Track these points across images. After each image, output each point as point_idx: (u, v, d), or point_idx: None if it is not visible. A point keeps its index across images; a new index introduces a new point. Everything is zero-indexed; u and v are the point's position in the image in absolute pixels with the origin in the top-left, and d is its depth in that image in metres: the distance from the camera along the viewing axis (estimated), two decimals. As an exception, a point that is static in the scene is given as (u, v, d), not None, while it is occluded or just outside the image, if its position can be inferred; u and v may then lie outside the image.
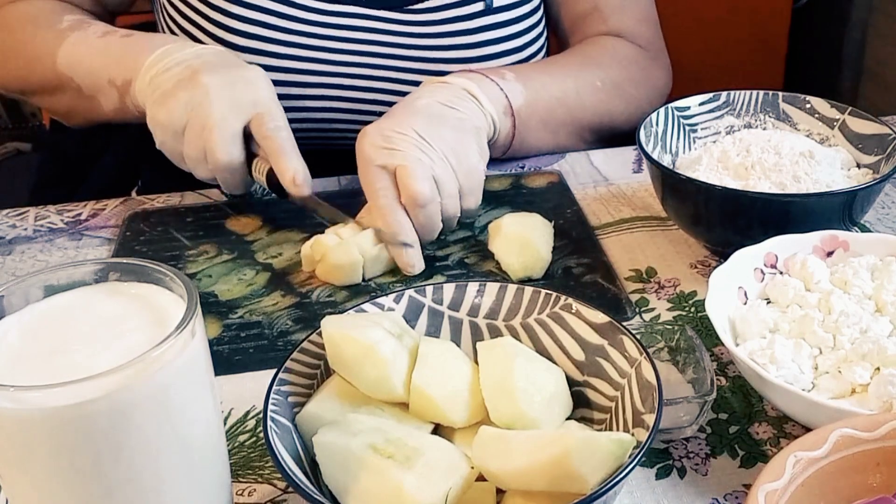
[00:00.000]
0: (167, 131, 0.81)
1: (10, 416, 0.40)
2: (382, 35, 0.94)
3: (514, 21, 0.97)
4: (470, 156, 0.80)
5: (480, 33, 0.96)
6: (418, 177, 0.75)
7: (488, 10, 0.96)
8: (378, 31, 0.94)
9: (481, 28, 0.96)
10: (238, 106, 0.79)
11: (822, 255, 0.68)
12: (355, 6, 0.94)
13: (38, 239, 0.85)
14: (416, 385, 0.54)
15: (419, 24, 0.95)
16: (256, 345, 0.70)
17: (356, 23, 0.94)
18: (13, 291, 0.45)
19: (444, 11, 0.95)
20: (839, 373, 0.59)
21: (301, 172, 0.79)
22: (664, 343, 0.63)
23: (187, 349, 0.43)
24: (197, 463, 0.46)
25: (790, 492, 0.45)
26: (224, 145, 0.79)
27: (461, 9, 0.95)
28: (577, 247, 0.80)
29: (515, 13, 0.98)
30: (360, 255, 0.75)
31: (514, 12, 0.97)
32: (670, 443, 0.60)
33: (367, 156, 0.78)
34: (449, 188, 0.78)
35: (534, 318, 0.59)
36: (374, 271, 0.77)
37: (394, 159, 0.76)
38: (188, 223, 0.86)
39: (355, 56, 0.94)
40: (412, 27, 0.95)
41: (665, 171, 0.75)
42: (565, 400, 0.56)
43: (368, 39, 0.94)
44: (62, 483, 0.42)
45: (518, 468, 0.48)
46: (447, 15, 0.95)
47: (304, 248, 0.78)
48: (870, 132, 0.80)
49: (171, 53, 0.83)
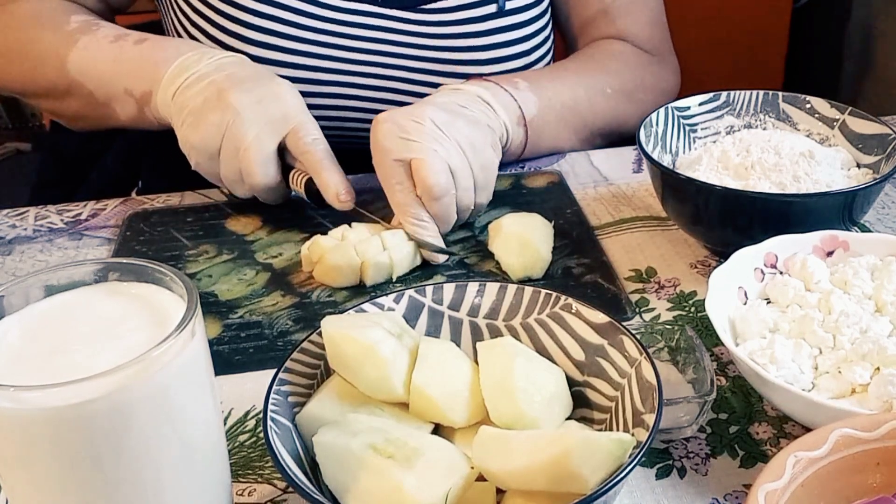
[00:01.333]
0: (202, 154, 0.81)
1: (10, 416, 0.40)
2: (395, 34, 0.95)
3: (525, 24, 0.98)
4: (485, 150, 0.81)
5: (492, 35, 0.96)
6: (435, 170, 0.75)
7: (500, 13, 0.96)
8: (391, 31, 0.95)
9: (493, 30, 0.96)
10: (270, 124, 0.79)
11: (822, 255, 0.68)
12: (369, 4, 0.94)
13: (38, 239, 0.85)
14: (416, 385, 0.54)
15: (432, 25, 0.95)
16: (256, 345, 0.70)
17: (369, 21, 0.94)
18: (13, 291, 0.45)
19: (458, 12, 0.95)
20: (839, 373, 0.59)
21: (344, 186, 0.79)
22: (664, 343, 0.63)
23: (187, 349, 0.43)
24: (197, 463, 0.46)
25: (790, 492, 0.45)
26: (261, 167, 0.79)
27: (474, 10, 0.96)
28: (577, 247, 0.80)
29: (527, 16, 0.98)
30: (357, 258, 0.75)
31: (526, 15, 0.98)
32: (670, 443, 0.60)
33: (382, 146, 0.77)
34: (464, 181, 0.78)
35: (534, 318, 0.59)
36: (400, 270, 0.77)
37: (410, 152, 0.76)
38: (188, 223, 0.86)
39: (368, 55, 0.95)
40: (425, 27, 0.95)
41: (665, 171, 0.75)
42: (565, 400, 0.56)
43: (381, 38, 0.95)
44: (62, 483, 0.42)
45: (518, 468, 0.48)
46: (460, 16, 0.96)
47: (304, 248, 0.78)
48: (870, 132, 0.80)
49: (190, 66, 0.82)
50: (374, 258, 0.75)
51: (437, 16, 0.95)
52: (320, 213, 0.84)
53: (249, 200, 0.85)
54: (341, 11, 0.93)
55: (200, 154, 0.81)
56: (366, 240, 0.76)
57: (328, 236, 0.77)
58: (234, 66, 0.83)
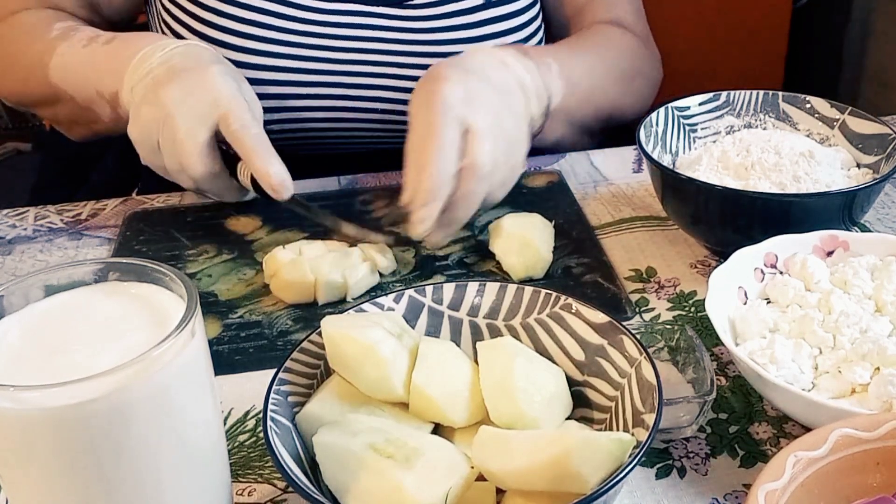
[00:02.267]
0: (144, 148, 0.80)
1: (10, 416, 0.40)
2: (382, 31, 0.94)
3: (513, 14, 0.97)
4: (521, 149, 0.78)
5: (481, 27, 0.95)
6: (494, 147, 0.72)
7: (488, 4, 0.95)
8: (377, 28, 0.94)
9: (482, 22, 0.95)
10: (200, 115, 0.76)
11: (822, 255, 0.68)
12: (353, 3, 0.93)
13: (38, 239, 0.85)
14: (416, 385, 0.54)
15: (419, 20, 0.94)
16: (256, 345, 0.70)
17: (354, 20, 0.93)
18: (13, 291, 0.45)
19: (444, 6, 0.95)
20: (839, 373, 0.59)
21: (277, 175, 0.74)
22: (664, 343, 0.63)
23: (187, 349, 0.43)
24: (197, 463, 0.46)
25: (790, 492, 0.45)
26: (196, 157, 0.77)
27: (460, 2, 0.95)
28: (577, 247, 0.80)
29: (515, 6, 0.97)
30: (312, 275, 0.72)
31: (514, 5, 0.97)
32: (670, 443, 0.60)
33: (446, 100, 0.72)
34: (496, 175, 0.75)
35: (534, 317, 0.59)
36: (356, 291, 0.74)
37: (475, 115, 0.72)
38: (188, 223, 0.86)
39: (354, 53, 0.94)
40: (412, 22, 0.94)
41: (665, 171, 0.75)
42: (565, 400, 0.56)
43: (367, 36, 0.94)
44: (62, 483, 0.42)
45: (518, 468, 0.48)
46: (447, 9, 0.95)
47: (264, 260, 0.76)
48: (870, 132, 0.80)
49: (146, 59, 0.81)
50: (326, 276, 0.72)
51: (423, 10, 0.94)
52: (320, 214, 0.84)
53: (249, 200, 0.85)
54: (324, 13, 0.92)
55: (143, 148, 0.80)
56: (320, 257, 0.74)
57: (286, 250, 0.76)
58: (178, 56, 0.81)
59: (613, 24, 1.02)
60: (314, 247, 0.76)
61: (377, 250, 0.76)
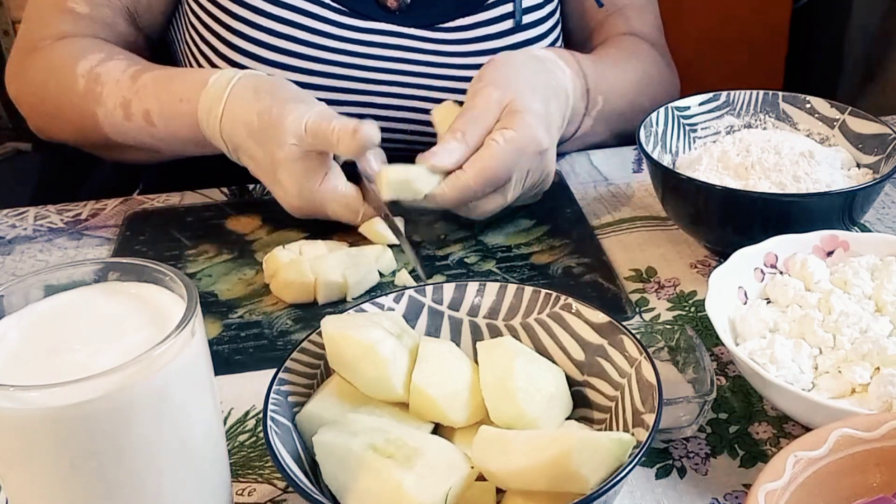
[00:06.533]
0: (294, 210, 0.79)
1: (10, 416, 0.40)
2: (414, 53, 0.93)
3: (541, 37, 0.97)
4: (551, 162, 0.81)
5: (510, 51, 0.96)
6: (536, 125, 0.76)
7: (517, 28, 0.95)
8: (410, 50, 0.93)
9: (510, 46, 0.94)
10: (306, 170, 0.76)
11: (822, 255, 0.68)
12: (385, 23, 0.92)
13: (37, 239, 0.85)
14: (416, 385, 0.54)
15: (451, 43, 0.94)
16: (256, 345, 0.70)
17: (385, 40, 0.92)
18: (13, 291, 0.45)
19: (476, 30, 0.94)
20: (839, 373, 0.59)
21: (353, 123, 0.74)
22: (664, 343, 0.63)
23: (187, 349, 0.43)
24: (197, 463, 0.46)
25: (790, 492, 0.45)
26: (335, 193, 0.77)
27: (492, 27, 0.94)
28: (577, 247, 0.80)
29: (542, 29, 0.97)
30: (312, 275, 0.72)
31: (541, 28, 0.97)
32: (670, 443, 0.60)
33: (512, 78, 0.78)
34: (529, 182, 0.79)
35: (534, 317, 0.59)
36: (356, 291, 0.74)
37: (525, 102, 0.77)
38: (188, 223, 0.86)
39: (383, 74, 0.92)
40: (444, 45, 0.94)
41: (665, 171, 0.75)
42: (565, 400, 0.56)
43: (400, 58, 0.93)
44: (62, 483, 0.42)
45: (518, 468, 0.48)
46: (478, 33, 0.94)
47: (263, 260, 0.76)
48: (870, 132, 0.80)
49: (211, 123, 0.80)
50: (326, 276, 0.72)
51: (455, 34, 0.94)
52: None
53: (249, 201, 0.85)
54: (356, 30, 0.91)
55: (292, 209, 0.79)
56: (320, 257, 0.74)
57: (286, 249, 0.76)
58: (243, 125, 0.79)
59: (635, 37, 1.02)
60: (314, 247, 0.76)
61: (377, 250, 0.76)
